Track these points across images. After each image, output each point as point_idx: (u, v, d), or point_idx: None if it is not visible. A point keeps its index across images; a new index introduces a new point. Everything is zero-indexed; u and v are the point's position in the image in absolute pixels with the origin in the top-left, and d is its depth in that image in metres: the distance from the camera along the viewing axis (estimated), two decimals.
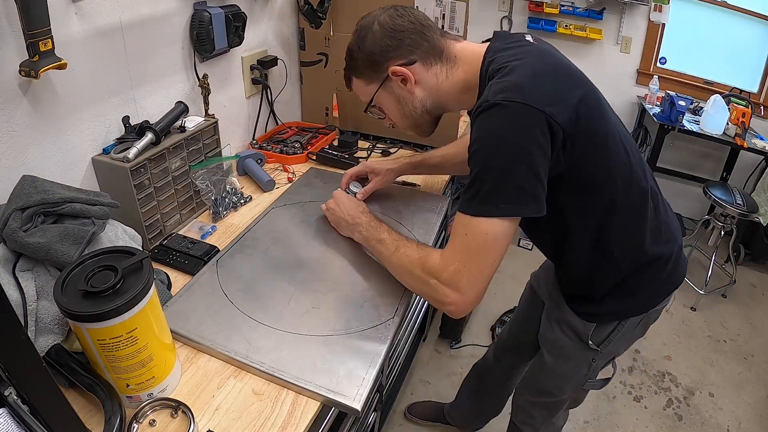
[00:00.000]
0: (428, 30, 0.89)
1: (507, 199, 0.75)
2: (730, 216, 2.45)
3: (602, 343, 1.01)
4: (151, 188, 1.12)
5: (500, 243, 0.78)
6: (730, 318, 2.48)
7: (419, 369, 2.03)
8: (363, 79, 0.95)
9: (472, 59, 0.90)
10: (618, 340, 1.01)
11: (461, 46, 0.92)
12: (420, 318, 1.57)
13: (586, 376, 1.08)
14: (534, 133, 0.73)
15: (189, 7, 1.25)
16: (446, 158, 1.30)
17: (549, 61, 0.85)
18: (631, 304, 0.97)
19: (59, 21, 0.91)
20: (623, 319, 0.99)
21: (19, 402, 0.47)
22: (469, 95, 0.91)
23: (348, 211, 1.13)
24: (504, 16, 3.13)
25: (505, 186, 0.75)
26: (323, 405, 0.81)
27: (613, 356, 1.08)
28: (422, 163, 1.31)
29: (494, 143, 0.75)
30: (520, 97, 0.73)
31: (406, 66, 0.89)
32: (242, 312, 0.95)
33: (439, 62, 0.90)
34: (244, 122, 1.63)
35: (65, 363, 0.77)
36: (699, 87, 2.99)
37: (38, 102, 0.94)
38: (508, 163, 0.74)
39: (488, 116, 0.75)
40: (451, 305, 0.84)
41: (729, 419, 1.92)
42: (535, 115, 0.72)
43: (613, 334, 1.00)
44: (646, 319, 1.01)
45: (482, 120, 0.76)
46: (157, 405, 0.78)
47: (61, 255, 0.79)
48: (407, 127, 1.01)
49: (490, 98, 0.75)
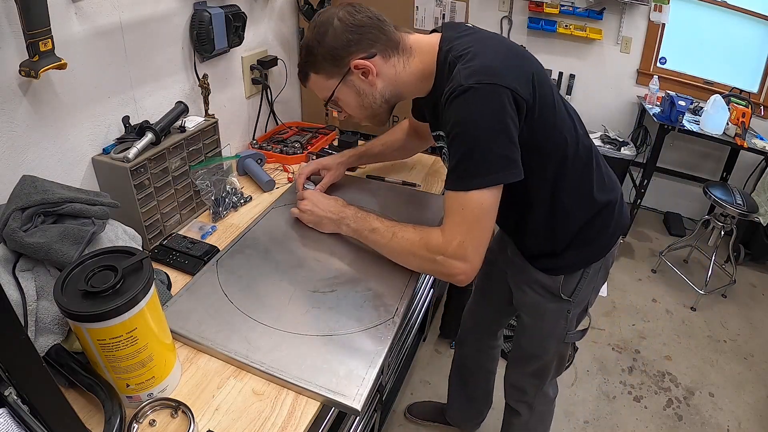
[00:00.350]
0: (385, 24, 0.95)
1: (495, 168, 0.84)
2: (730, 216, 2.45)
3: (573, 293, 1.09)
4: (151, 188, 1.12)
5: (493, 209, 0.88)
6: (730, 318, 2.48)
7: (419, 369, 2.03)
8: (323, 74, 0.97)
9: (427, 49, 0.96)
10: (586, 287, 1.09)
11: (414, 38, 0.98)
12: (420, 318, 1.57)
13: (565, 328, 1.15)
14: (506, 108, 0.82)
15: (189, 7, 1.25)
16: (387, 146, 1.38)
17: (503, 44, 0.93)
18: (590, 251, 1.06)
19: (59, 21, 0.91)
20: (587, 266, 1.07)
21: (19, 402, 0.47)
22: (425, 83, 0.98)
23: (328, 207, 1.16)
24: (504, 16, 3.12)
25: (491, 158, 0.84)
26: (323, 405, 0.81)
27: (586, 305, 1.16)
28: (366, 153, 1.39)
29: (474, 123, 0.83)
30: (488, 78, 0.81)
31: (367, 59, 0.93)
32: (242, 312, 0.95)
33: (397, 54, 0.96)
34: (244, 122, 1.63)
35: (65, 363, 0.77)
36: (699, 87, 2.99)
37: (38, 102, 0.94)
38: (490, 136, 0.83)
39: (464, 100, 0.82)
40: (461, 275, 0.92)
41: (729, 419, 1.92)
42: (504, 93, 0.81)
43: (581, 282, 1.08)
44: (605, 263, 1.10)
45: (458, 104, 0.83)
46: (157, 405, 0.78)
47: (61, 255, 0.79)
48: (365, 118, 1.05)
49: (463, 83, 0.82)
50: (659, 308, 2.51)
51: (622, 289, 2.62)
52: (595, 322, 2.37)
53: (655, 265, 2.79)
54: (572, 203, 1.00)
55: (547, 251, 1.06)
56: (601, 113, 3.21)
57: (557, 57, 3.13)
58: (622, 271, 2.76)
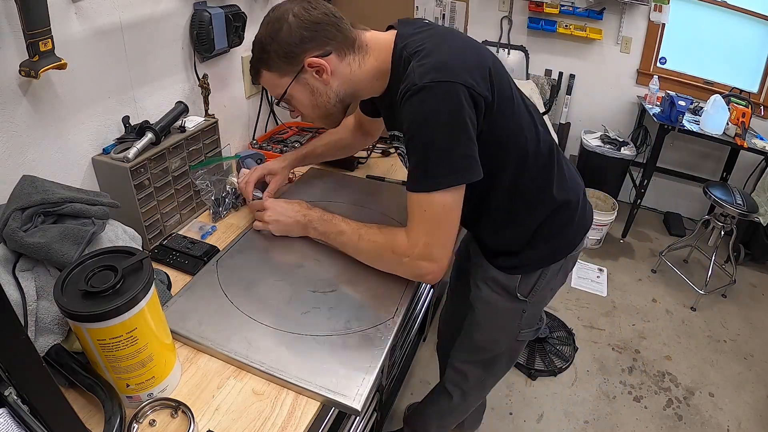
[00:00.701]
0: (341, 22, 0.92)
1: (455, 168, 0.83)
2: (730, 216, 2.45)
3: (530, 293, 1.09)
4: (151, 188, 1.12)
5: (457, 208, 0.87)
6: (730, 318, 2.48)
7: (419, 369, 2.03)
8: (275, 71, 0.94)
9: (383, 47, 0.94)
10: (543, 288, 1.09)
11: (370, 35, 0.96)
12: (420, 318, 1.57)
13: (519, 326, 1.15)
14: (463, 105, 0.80)
15: (189, 7, 1.25)
16: (330, 146, 1.35)
17: (459, 39, 0.92)
18: (549, 250, 1.05)
19: (59, 21, 0.91)
20: (545, 266, 1.06)
21: (19, 402, 0.47)
22: (381, 81, 0.96)
23: (293, 214, 1.12)
24: (504, 16, 3.12)
25: (451, 157, 0.82)
26: (323, 405, 0.81)
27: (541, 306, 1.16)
28: (309, 154, 1.36)
29: (432, 122, 0.81)
30: (444, 76, 0.80)
31: (321, 57, 0.90)
32: (242, 312, 0.95)
33: (353, 52, 0.93)
34: (244, 122, 1.63)
35: (65, 363, 0.77)
36: (699, 87, 2.99)
37: (38, 102, 0.94)
38: (449, 136, 0.81)
39: (419, 99, 0.80)
40: (429, 275, 0.92)
41: (729, 419, 1.92)
42: (460, 90, 0.80)
43: (538, 283, 1.07)
44: (565, 265, 1.09)
45: (413, 103, 0.81)
46: (157, 405, 0.78)
47: (61, 255, 0.79)
48: (318, 118, 1.02)
49: (418, 81, 0.80)
50: (659, 308, 2.51)
51: (622, 289, 2.62)
52: (596, 322, 2.37)
53: (655, 265, 2.79)
54: (531, 201, 0.99)
55: (504, 249, 1.06)
56: (601, 113, 3.22)
57: (557, 57, 3.13)
58: (622, 271, 2.76)
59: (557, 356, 2.12)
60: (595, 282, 2.66)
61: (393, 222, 1.25)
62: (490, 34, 3.18)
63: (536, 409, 1.90)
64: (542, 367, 2.06)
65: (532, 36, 3.13)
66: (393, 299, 1.01)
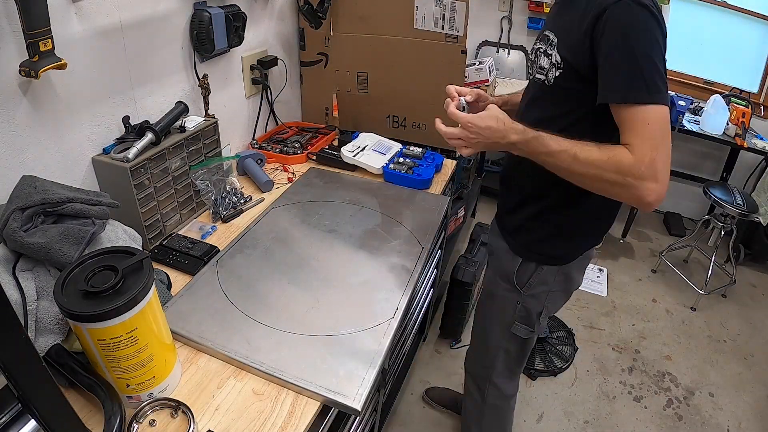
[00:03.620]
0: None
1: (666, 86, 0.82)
2: (730, 216, 2.45)
3: (525, 286, 1.12)
4: (151, 188, 1.12)
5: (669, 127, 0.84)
6: (730, 318, 2.48)
7: (419, 369, 2.03)
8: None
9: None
10: (538, 286, 1.11)
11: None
12: (420, 318, 1.57)
13: (512, 317, 1.17)
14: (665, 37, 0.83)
15: (189, 7, 1.25)
16: None
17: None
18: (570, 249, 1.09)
19: (59, 21, 0.91)
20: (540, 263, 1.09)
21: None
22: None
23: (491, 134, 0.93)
24: (504, 16, 3.12)
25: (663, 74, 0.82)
26: (323, 405, 0.81)
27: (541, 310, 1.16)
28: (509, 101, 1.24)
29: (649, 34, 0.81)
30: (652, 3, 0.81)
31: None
32: (242, 312, 0.95)
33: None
34: (244, 122, 1.63)
35: (65, 363, 0.77)
36: (699, 87, 2.99)
37: (38, 102, 0.94)
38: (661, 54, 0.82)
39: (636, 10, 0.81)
40: (652, 195, 0.84)
41: (729, 419, 1.92)
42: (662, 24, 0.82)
43: (532, 278, 1.10)
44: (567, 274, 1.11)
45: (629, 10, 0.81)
46: (157, 405, 0.78)
47: (61, 255, 0.79)
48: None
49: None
50: (659, 308, 2.51)
51: (622, 289, 2.62)
52: (596, 322, 2.37)
53: (655, 265, 2.79)
54: None
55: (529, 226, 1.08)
56: None
57: None
58: (622, 271, 2.76)
59: (557, 356, 2.12)
60: (595, 282, 2.66)
61: (391, 221, 1.25)
62: (490, 34, 3.18)
63: (536, 409, 1.90)
64: (542, 367, 2.06)
65: (532, 36, 3.13)
66: (393, 299, 1.01)
